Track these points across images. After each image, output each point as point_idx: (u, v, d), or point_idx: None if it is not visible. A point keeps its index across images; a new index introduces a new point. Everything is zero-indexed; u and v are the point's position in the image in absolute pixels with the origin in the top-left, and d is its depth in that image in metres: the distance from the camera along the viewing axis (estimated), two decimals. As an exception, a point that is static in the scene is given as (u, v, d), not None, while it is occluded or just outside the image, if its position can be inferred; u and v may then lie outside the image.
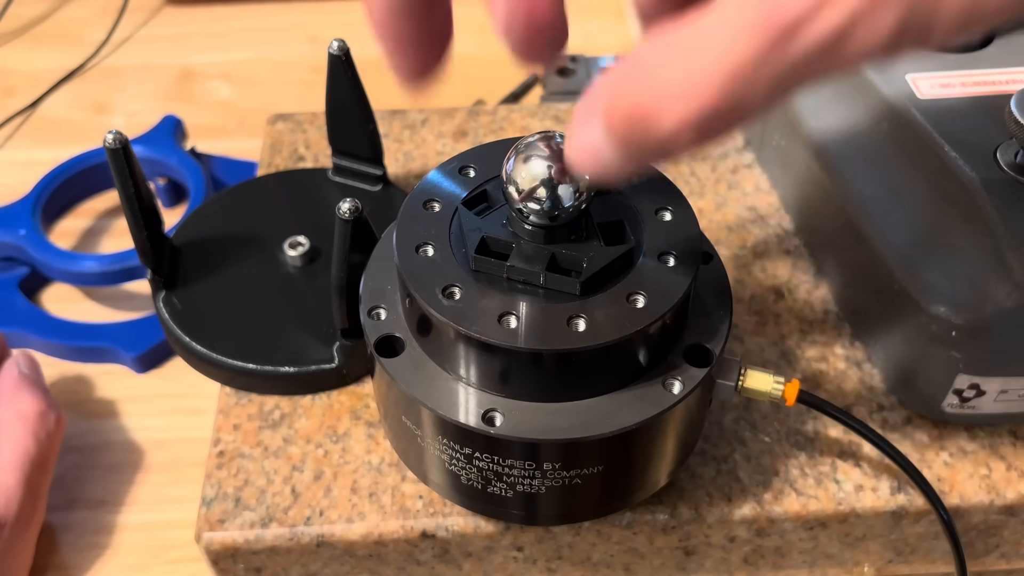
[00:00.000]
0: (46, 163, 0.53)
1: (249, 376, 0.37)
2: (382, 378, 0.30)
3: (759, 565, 0.37)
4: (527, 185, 0.27)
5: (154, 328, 0.48)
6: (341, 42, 0.39)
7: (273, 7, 0.70)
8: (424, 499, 0.34)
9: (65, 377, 0.47)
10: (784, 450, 0.35)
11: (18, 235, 0.50)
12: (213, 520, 0.34)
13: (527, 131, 0.48)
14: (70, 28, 0.69)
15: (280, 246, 0.41)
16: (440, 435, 0.29)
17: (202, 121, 0.61)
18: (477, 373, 0.28)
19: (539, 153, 0.27)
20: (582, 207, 0.27)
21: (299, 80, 0.65)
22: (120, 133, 0.35)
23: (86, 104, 0.63)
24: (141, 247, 0.38)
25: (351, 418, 0.37)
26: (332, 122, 0.42)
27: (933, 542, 0.36)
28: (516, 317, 0.27)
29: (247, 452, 0.36)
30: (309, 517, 0.34)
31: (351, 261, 0.32)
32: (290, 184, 0.44)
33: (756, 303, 0.40)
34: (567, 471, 0.29)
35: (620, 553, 0.36)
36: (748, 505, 0.34)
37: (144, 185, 0.37)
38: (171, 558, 0.41)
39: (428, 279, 0.28)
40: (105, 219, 0.55)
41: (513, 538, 0.34)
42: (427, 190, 0.30)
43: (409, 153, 0.47)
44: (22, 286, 0.50)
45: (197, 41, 0.68)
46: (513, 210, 0.28)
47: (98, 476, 0.44)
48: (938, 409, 0.35)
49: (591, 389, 0.28)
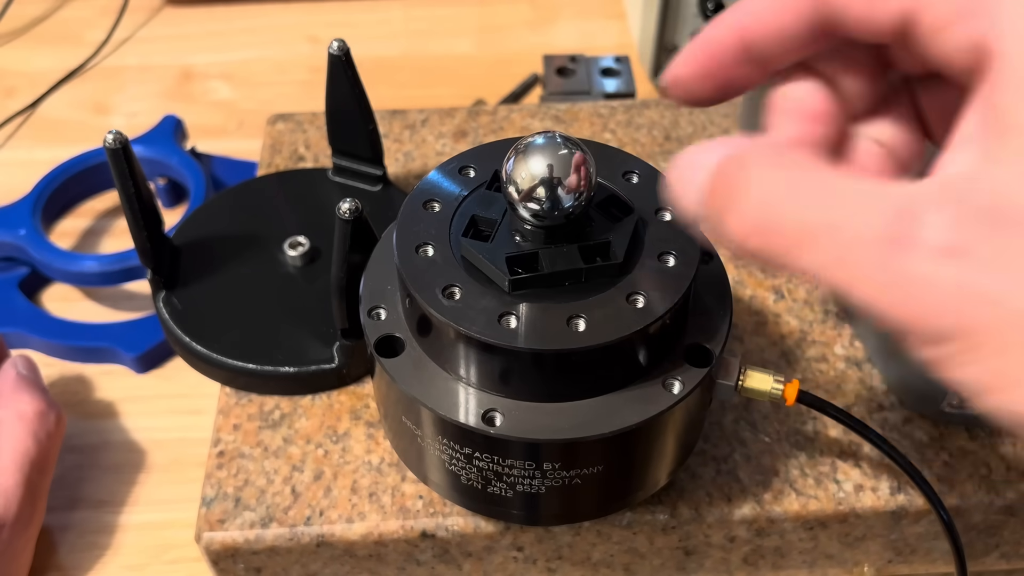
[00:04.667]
0: (46, 163, 0.53)
1: (249, 376, 0.37)
2: (382, 378, 0.30)
3: (759, 565, 0.37)
4: (527, 185, 0.27)
5: (154, 328, 0.48)
6: (341, 42, 0.39)
7: (273, 7, 0.70)
8: (424, 499, 0.34)
9: (65, 377, 0.47)
10: (784, 450, 0.35)
11: (18, 235, 0.50)
12: (213, 520, 0.34)
13: (527, 131, 0.48)
14: (70, 28, 0.69)
15: (280, 246, 0.41)
16: (440, 435, 0.29)
17: (202, 121, 0.61)
18: (477, 373, 0.28)
19: (539, 153, 0.27)
20: (583, 205, 0.27)
21: (299, 80, 0.65)
22: (120, 133, 0.35)
23: (86, 104, 0.63)
24: (141, 247, 0.38)
25: (351, 418, 0.37)
26: (332, 122, 0.42)
27: (933, 542, 0.36)
28: (516, 317, 0.27)
29: (247, 452, 0.36)
30: (309, 517, 0.34)
31: (351, 261, 0.32)
32: (290, 184, 0.44)
33: (756, 303, 0.40)
34: (567, 471, 0.29)
35: (620, 553, 0.36)
36: (748, 505, 0.34)
37: (144, 185, 0.37)
38: (171, 558, 0.41)
39: (428, 279, 0.28)
40: (105, 219, 0.55)
41: (513, 538, 0.34)
42: (427, 190, 0.30)
43: (409, 153, 0.47)
44: (22, 286, 0.50)
45: (197, 41, 0.68)
46: (525, 212, 0.28)
47: (98, 476, 0.44)
48: (938, 409, 0.35)
49: (591, 389, 0.28)
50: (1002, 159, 0.18)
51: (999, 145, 0.19)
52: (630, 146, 0.47)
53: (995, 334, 0.17)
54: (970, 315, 0.17)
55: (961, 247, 0.17)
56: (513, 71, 0.63)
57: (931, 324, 0.18)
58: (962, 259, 0.17)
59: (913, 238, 0.17)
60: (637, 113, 0.49)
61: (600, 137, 0.48)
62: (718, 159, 0.21)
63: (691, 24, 0.58)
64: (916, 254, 0.17)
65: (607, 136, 0.48)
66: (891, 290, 0.18)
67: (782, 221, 0.19)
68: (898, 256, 0.18)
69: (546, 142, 0.27)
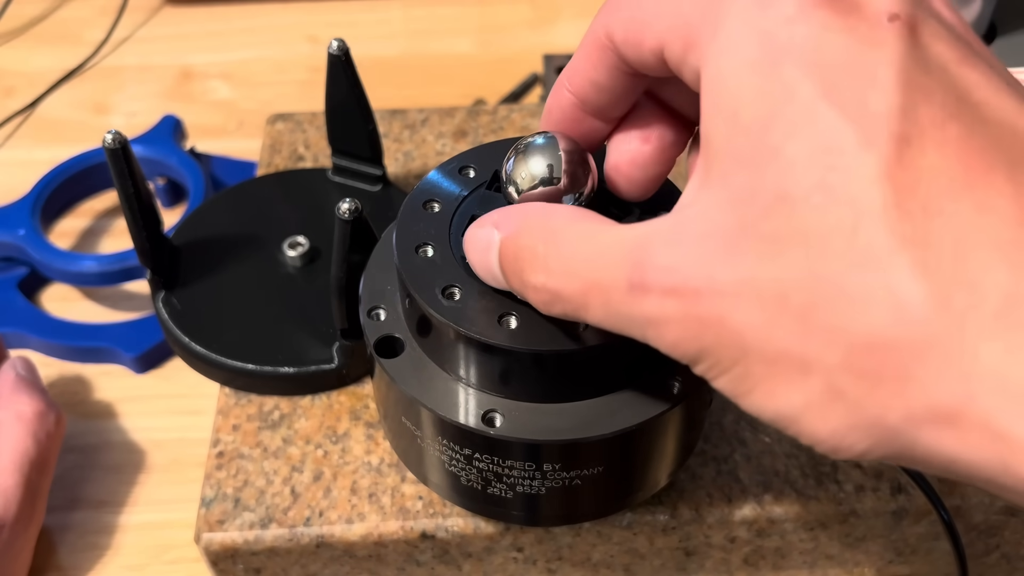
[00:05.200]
0: (45, 163, 0.53)
1: (249, 376, 0.37)
2: (382, 378, 0.30)
3: (759, 566, 0.37)
4: (527, 185, 0.27)
5: (153, 328, 0.48)
6: (341, 42, 0.39)
7: (273, 7, 0.70)
8: (424, 500, 0.34)
9: (64, 377, 0.47)
10: (784, 450, 0.35)
11: (17, 235, 0.50)
12: (212, 521, 0.34)
13: (527, 131, 0.48)
14: (70, 28, 0.69)
15: (280, 246, 0.41)
16: (440, 436, 0.29)
17: (202, 121, 0.60)
18: (477, 374, 0.28)
19: (539, 153, 0.27)
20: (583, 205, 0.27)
21: (299, 80, 0.65)
22: (119, 133, 0.35)
23: (86, 104, 0.63)
24: (140, 247, 0.38)
25: (351, 419, 0.37)
26: (332, 122, 0.42)
27: (934, 542, 0.36)
28: (516, 317, 0.27)
29: (247, 453, 0.36)
30: (309, 518, 0.34)
31: (351, 261, 0.32)
32: (290, 184, 0.44)
33: (756, 303, 0.40)
34: (567, 472, 0.29)
35: (620, 554, 0.36)
36: (748, 506, 0.34)
37: (143, 185, 0.37)
38: (171, 558, 0.41)
39: (428, 279, 0.28)
40: (105, 219, 0.55)
41: (513, 539, 0.34)
42: (427, 190, 0.30)
43: (409, 153, 0.47)
44: (21, 286, 0.50)
45: (197, 41, 0.68)
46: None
47: (98, 476, 0.44)
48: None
49: (591, 390, 0.28)
50: (708, 186, 0.20)
51: (706, 172, 0.20)
52: (630, 146, 0.47)
53: (724, 352, 0.19)
54: (702, 341, 0.20)
55: (678, 283, 0.19)
56: (513, 71, 0.63)
57: (681, 353, 0.20)
58: (681, 294, 0.19)
59: (644, 282, 0.20)
60: (637, 113, 0.49)
61: (600, 137, 0.48)
62: (498, 244, 0.24)
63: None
64: (649, 297, 0.20)
65: (607, 136, 0.48)
66: (648, 329, 0.20)
67: (560, 289, 0.22)
68: (639, 301, 0.20)
69: (546, 142, 0.27)
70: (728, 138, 0.19)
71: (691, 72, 0.21)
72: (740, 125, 0.19)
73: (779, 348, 0.19)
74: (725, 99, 0.20)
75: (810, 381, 0.18)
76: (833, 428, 0.18)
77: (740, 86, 0.19)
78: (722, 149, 0.20)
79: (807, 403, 0.19)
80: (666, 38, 0.22)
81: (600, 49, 0.24)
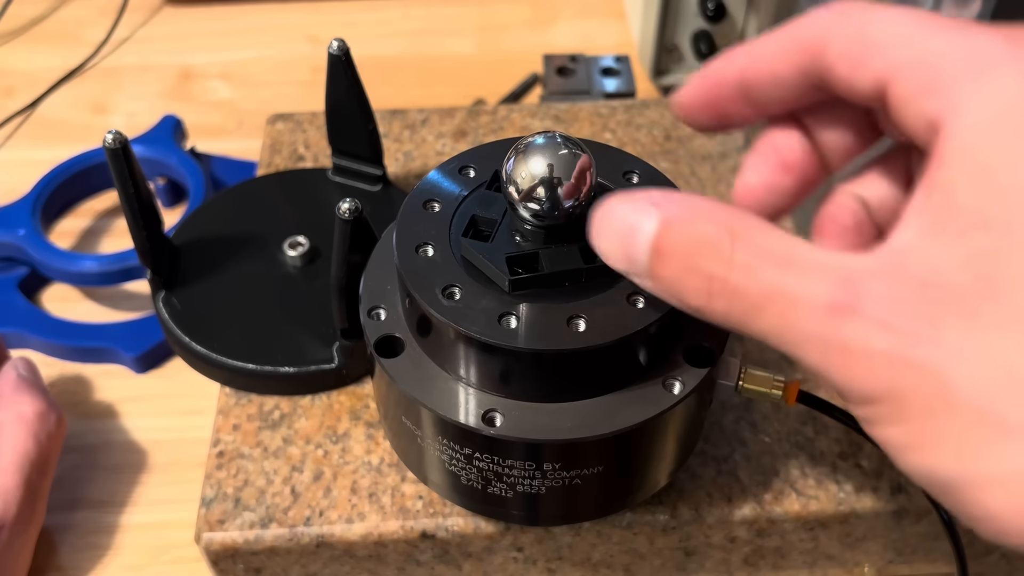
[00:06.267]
0: (46, 163, 0.53)
1: (249, 376, 0.37)
2: (382, 378, 0.30)
3: (759, 566, 0.37)
4: (527, 185, 0.27)
5: (154, 328, 0.48)
6: (341, 42, 0.39)
7: (273, 7, 0.70)
8: (424, 499, 0.34)
9: (65, 377, 0.47)
10: (784, 450, 0.35)
11: (17, 235, 0.50)
12: (213, 520, 0.34)
13: (527, 131, 0.48)
14: (70, 28, 0.69)
15: (280, 246, 0.41)
16: (440, 435, 0.29)
17: (202, 121, 0.61)
18: (477, 373, 0.28)
19: (539, 153, 0.27)
20: (584, 205, 0.27)
21: (299, 80, 0.65)
22: (120, 133, 0.35)
23: (86, 104, 0.63)
24: (141, 247, 0.38)
25: (351, 418, 0.37)
26: (332, 122, 0.42)
27: (934, 542, 0.36)
28: (516, 317, 0.27)
29: (247, 452, 0.36)
30: (309, 517, 0.34)
31: (351, 261, 0.32)
32: (290, 184, 0.44)
33: (756, 303, 0.40)
34: (567, 471, 0.29)
35: (620, 553, 0.36)
36: (748, 505, 0.34)
37: (144, 185, 0.37)
38: (171, 558, 0.41)
39: (428, 279, 0.28)
40: (105, 219, 0.55)
41: (513, 538, 0.34)
42: (427, 190, 0.30)
43: (409, 153, 0.47)
44: (22, 286, 0.50)
45: (197, 41, 0.68)
46: (526, 212, 0.28)
47: (98, 477, 0.44)
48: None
49: (591, 389, 0.28)
50: (941, 236, 0.19)
51: (939, 222, 0.19)
52: (630, 146, 0.47)
53: (918, 400, 0.19)
54: (898, 382, 0.19)
55: (894, 320, 0.19)
56: (513, 71, 0.63)
57: (864, 388, 0.19)
58: (895, 331, 0.19)
59: (853, 308, 0.19)
60: (637, 113, 0.49)
61: (600, 137, 0.48)
62: (657, 225, 0.22)
63: (691, 24, 0.58)
64: (855, 323, 0.19)
65: (607, 136, 0.48)
66: (830, 355, 0.20)
67: (742, 286, 0.21)
68: (839, 324, 0.19)
69: (546, 142, 0.27)
70: (978, 196, 0.19)
71: (917, 116, 0.20)
72: (998, 187, 0.18)
73: (991, 411, 0.18)
74: (983, 156, 0.19)
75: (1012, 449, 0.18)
76: (1018, 508, 0.18)
77: (1004, 147, 0.19)
78: (968, 206, 0.19)
79: (1002, 474, 0.18)
80: (900, 73, 0.20)
81: (800, 51, 0.23)
